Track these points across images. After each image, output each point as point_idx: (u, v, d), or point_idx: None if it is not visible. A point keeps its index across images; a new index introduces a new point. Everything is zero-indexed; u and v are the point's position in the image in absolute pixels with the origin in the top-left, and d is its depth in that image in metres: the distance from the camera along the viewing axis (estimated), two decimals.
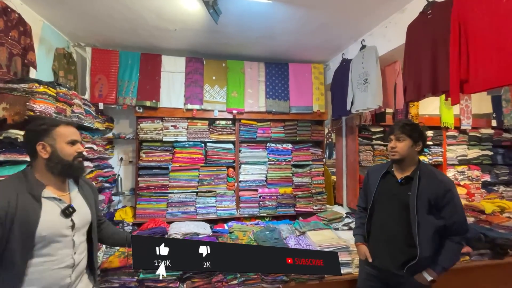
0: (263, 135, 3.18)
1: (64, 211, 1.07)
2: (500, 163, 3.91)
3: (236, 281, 1.44)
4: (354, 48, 2.85)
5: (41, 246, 1.00)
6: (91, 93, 2.73)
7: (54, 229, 1.02)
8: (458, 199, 1.38)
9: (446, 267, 1.35)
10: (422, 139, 1.48)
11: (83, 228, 1.16)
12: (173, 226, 1.88)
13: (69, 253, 1.08)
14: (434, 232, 1.35)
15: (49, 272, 1.01)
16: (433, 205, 1.35)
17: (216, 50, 3.03)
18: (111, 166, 3.08)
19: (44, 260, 1.01)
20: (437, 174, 1.42)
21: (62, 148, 1.09)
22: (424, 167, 1.47)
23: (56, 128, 1.10)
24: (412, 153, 1.46)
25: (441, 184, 1.37)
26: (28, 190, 1.01)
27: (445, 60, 1.66)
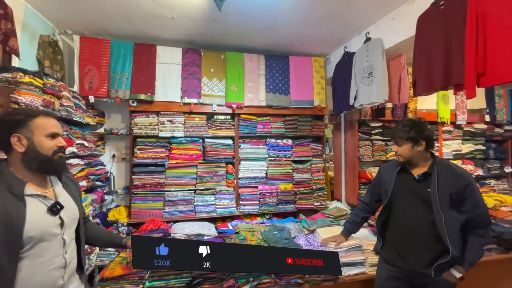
0: (263, 130, 3.09)
1: (51, 208, 0.98)
2: (492, 157, 4.01)
3: (248, 285, 1.35)
4: (357, 41, 2.78)
5: (29, 248, 0.92)
6: (81, 85, 2.54)
7: (42, 228, 0.94)
8: (479, 191, 1.34)
9: (473, 262, 1.32)
10: (423, 137, 1.40)
11: (72, 226, 1.07)
12: (176, 227, 1.77)
13: (59, 253, 1.00)
14: (459, 226, 1.31)
15: (40, 275, 0.94)
16: (454, 199, 1.31)
17: (215, 41, 2.89)
18: (103, 164, 2.91)
19: (33, 262, 0.92)
20: (455, 168, 1.37)
21: (40, 142, 0.98)
22: (441, 162, 1.42)
23: (34, 119, 0.99)
24: (416, 153, 1.40)
25: (461, 178, 1.33)
26: (7, 189, 0.92)
27: (460, 53, 1.62)
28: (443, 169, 1.37)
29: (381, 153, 3.44)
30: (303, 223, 1.94)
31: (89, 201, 2.39)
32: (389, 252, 1.46)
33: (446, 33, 1.73)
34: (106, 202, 2.92)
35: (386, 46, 2.35)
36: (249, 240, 1.61)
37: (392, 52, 2.41)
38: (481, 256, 1.36)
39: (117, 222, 2.64)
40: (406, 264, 1.38)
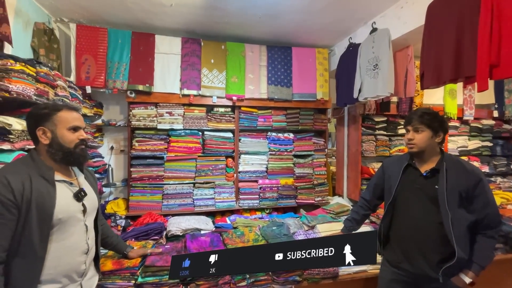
0: (264, 124, 3.02)
1: (76, 194, 1.05)
2: (499, 154, 3.91)
3: (245, 282, 1.31)
4: (362, 31, 2.68)
5: (57, 230, 0.99)
6: (77, 75, 2.48)
7: (69, 212, 1.02)
8: (490, 189, 1.28)
9: (484, 266, 1.24)
10: (443, 129, 1.36)
11: (93, 214, 1.14)
12: (172, 222, 1.73)
13: (83, 238, 1.06)
14: (467, 227, 1.24)
15: (67, 258, 1.00)
16: (464, 197, 1.24)
17: (215, 31, 2.80)
18: (101, 156, 2.86)
19: (61, 245, 0.99)
20: (466, 165, 1.30)
21: (62, 135, 1.04)
22: (450, 158, 1.35)
23: (58, 113, 1.06)
24: (432, 145, 1.34)
25: (471, 175, 1.26)
26: (39, 173, 0.99)
27: (472, 43, 1.53)
28: (452, 166, 1.30)
29: (385, 148, 3.36)
30: (303, 219, 1.89)
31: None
32: (393, 253, 1.40)
33: (458, 22, 1.63)
34: (104, 194, 2.89)
35: (393, 37, 2.25)
36: (247, 235, 1.56)
37: (399, 43, 2.31)
38: (491, 259, 1.29)
39: (115, 215, 2.60)
40: (412, 266, 1.31)
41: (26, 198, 0.92)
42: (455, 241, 1.20)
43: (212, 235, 1.57)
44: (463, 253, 1.21)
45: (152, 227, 1.63)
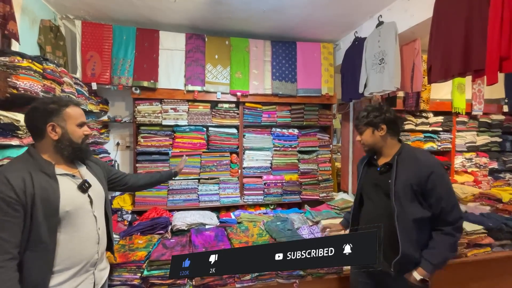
0: (269, 120, 3.01)
1: (81, 186, 1.06)
2: (509, 150, 3.83)
3: (249, 276, 1.32)
4: (368, 25, 2.63)
5: (66, 222, 1.00)
6: (83, 72, 2.50)
7: (76, 204, 1.03)
8: (446, 182, 1.21)
9: (436, 264, 1.18)
10: (382, 120, 1.31)
11: (100, 204, 1.15)
12: (177, 216, 1.75)
13: (93, 229, 1.08)
14: (419, 222, 1.19)
15: (79, 248, 1.02)
16: (418, 191, 1.19)
17: (219, 26, 2.79)
18: (107, 152, 2.90)
19: (72, 236, 1.01)
20: (419, 156, 1.25)
21: (73, 131, 1.07)
22: (406, 150, 1.30)
23: (66, 109, 1.07)
24: (379, 140, 1.32)
25: (422, 167, 1.20)
26: (39, 169, 0.99)
27: (481, 35, 1.49)
28: (405, 158, 1.26)
29: None
30: (307, 214, 1.89)
31: None
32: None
33: (468, 13, 1.59)
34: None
35: (400, 30, 2.20)
36: (251, 230, 1.57)
37: (406, 36, 2.27)
38: (448, 257, 1.21)
39: (122, 210, 2.65)
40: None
41: (30, 194, 0.93)
42: (400, 236, 1.18)
43: (216, 230, 1.58)
44: (411, 249, 1.18)
45: (158, 221, 1.65)
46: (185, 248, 1.36)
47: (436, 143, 3.50)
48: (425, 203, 1.20)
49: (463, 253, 1.62)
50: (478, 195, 2.41)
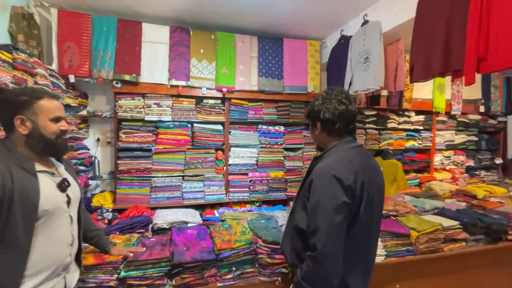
0: (255, 116, 2.99)
1: (60, 184, 1.00)
2: (484, 148, 4.01)
3: (231, 275, 1.30)
4: (354, 24, 2.65)
5: (43, 222, 0.94)
6: (59, 63, 2.37)
7: (55, 203, 0.97)
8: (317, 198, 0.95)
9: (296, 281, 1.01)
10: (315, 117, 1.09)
11: (76, 205, 1.09)
12: (158, 215, 1.70)
13: (68, 230, 1.02)
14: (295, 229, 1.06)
15: (53, 250, 0.96)
16: (307, 197, 1.03)
17: (205, 20, 2.72)
18: (86, 148, 2.79)
19: (47, 238, 0.94)
20: (324, 160, 1.05)
21: (45, 126, 0.98)
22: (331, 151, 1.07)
23: (39, 101, 0.97)
24: (318, 138, 1.13)
25: (313, 172, 1.03)
26: (18, 164, 0.92)
27: (461, 36, 1.53)
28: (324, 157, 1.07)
29: (374, 142, 3.40)
30: None
31: None
32: None
33: (449, 14, 1.62)
34: (90, 187, 2.83)
35: (385, 29, 2.23)
36: (234, 228, 1.55)
37: (390, 36, 2.30)
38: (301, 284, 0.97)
39: (102, 208, 2.55)
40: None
41: (8, 190, 0.85)
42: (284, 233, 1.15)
43: (199, 228, 1.55)
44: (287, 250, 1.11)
45: (138, 220, 1.60)
46: (166, 247, 1.32)
47: (417, 141, 3.61)
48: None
49: (440, 248, 1.68)
50: (455, 192, 2.51)
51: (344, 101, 1.06)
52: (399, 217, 1.83)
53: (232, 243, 1.36)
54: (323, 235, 0.91)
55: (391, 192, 2.77)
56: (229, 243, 1.36)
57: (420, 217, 1.80)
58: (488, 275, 1.86)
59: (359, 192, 0.97)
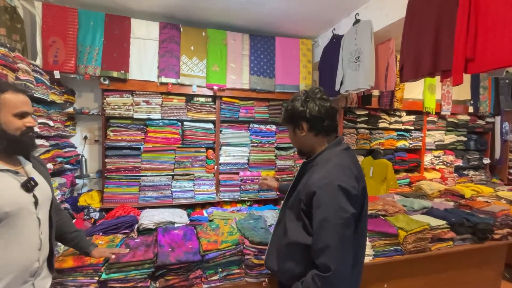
0: (246, 115, 2.96)
1: (25, 184, 0.93)
2: (472, 148, 4.08)
3: (217, 276, 1.28)
4: (346, 23, 2.64)
5: (5, 224, 0.87)
6: (44, 59, 2.30)
7: (18, 204, 0.90)
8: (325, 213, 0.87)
9: None
10: (301, 117, 1.01)
11: (46, 206, 1.01)
12: (144, 215, 1.66)
13: (36, 233, 0.95)
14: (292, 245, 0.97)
15: (18, 255, 0.89)
16: (304, 210, 0.95)
17: (196, 16, 2.68)
18: (73, 146, 2.72)
19: (10, 242, 0.87)
20: (322, 166, 0.96)
21: (7, 121, 0.91)
22: (323, 155, 1.01)
23: (2, 95, 0.91)
24: (302, 140, 1.05)
25: (312, 182, 0.92)
26: None
27: (450, 37, 1.53)
28: (314, 165, 1.00)
29: (365, 141, 3.41)
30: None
31: (56, 185, 2.23)
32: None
33: (438, 15, 1.63)
34: (77, 186, 2.76)
35: (376, 29, 2.23)
36: (222, 229, 1.53)
37: (381, 35, 2.30)
38: None
39: (89, 208, 2.50)
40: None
41: None
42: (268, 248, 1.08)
43: (186, 229, 1.52)
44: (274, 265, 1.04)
45: (123, 220, 1.56)
46: (150, 248, 1.29)
47: (408, 141, 3.64)
48: (311, 229, 0.93)
49: (428, 248, 1.68)
50: (444, 191, 2.53)
51: (325, 97, 1.03)
52: (388, 216, 1.84)
53: (219, 243, 1.33)
54: (335, 253, 0.85)
55: (381, 191, 2.79)
56: (216, 243, 1.33)
57: (409, 217, 1.80)
58: (474, 274, 1.89)
59: (361, 199, 0.94)
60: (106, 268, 1.16)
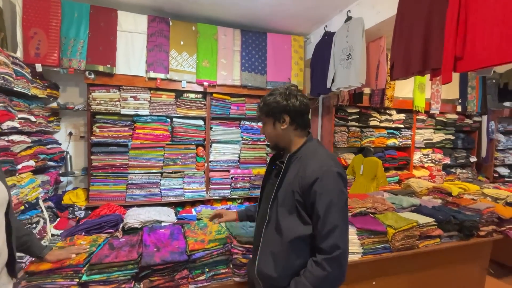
0: (237, 112, 2.92)
1: None
2: (460, 147, 4.15)
3: (203, 276, 1.25)
4: (338, 20, 2.63)
5: None
6: (25, 51, 2.20)
7: None
8: (330, 196, 0.91)
9: None
10: (283, 109, 1.02)
11: (1, 209, 0.92)
12: (130, 213, 1.61)
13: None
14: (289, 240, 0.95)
15: None
16: (300, 202, 0.95)
17: (186, 10, 2.61)
18: (57, 142, 2.62)
19: None
20: (313, 157, 0.98)
21: None
22: (306, 147, 1.04)
23: None
24: (283, 134, 1.05)
25: (309, 171, 0.94)
26: None
27: (440, 35, 1.53)
28: (300, 158, 1.01)
29: (356, 139, 3.43)
30: None
31: (38, 183, 2.14)
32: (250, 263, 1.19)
33: (428, 13, 1.62)
34: (62, 184, 2.67)
35: (367, 26, 2.22)
36: (210, 228, 1.49)
37: (372, 33, 2.29)
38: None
39: (74, 206, 2.42)
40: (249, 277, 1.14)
41: None
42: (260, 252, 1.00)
43: (172, 228, 1.48)
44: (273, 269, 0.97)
45: (107, 219, 1.50)
46: (134, 248, 1.24)
47: (398, 139, 3.68)
48: (307, 218, 0.95)
49: (415, 245, 1.70)
50: (432, 189, 2.57)
51: (301, 93, 1.07)
52: (377, 214, 1.84)
53: (206, 243, 1.30)
54: (342, 233, 0.91)
55: (371, 189, 2.80)
56: (203, 243, 1.30)
57: (397, 215, 1.81)
58: (460, 270, 1.92)
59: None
60: (87, 270, 1.11)
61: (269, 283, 0.99)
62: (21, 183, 1.88)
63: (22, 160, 1.97)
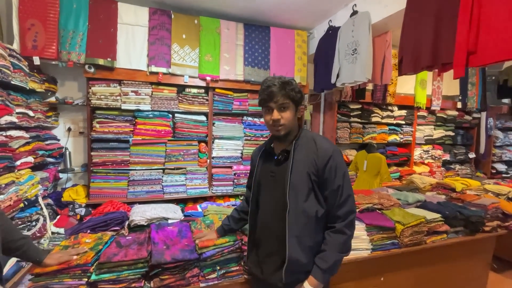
0: (240, 108, 2.88)
1: None
2: (459, 143, 4.18)
3: (215, 274, 1.22)
4: (342, 14, 2.60)
5: None
6: (22, 43, 2.12)
7: None
8: (344, 170, 1.03)
9: (325, 269, 0.98)
10: (302, 99, 1.09)
11: None
12: (136, 210, 1.57)
13: None
14: (310, 220, 1.00)
15: None
16: (315, 181, 1.01)
17: (188, 3, 2.55)
18: (56, 138, 2.55)
19: None
20: (317, 140, 1.06)
21: None
22: (305, 135, 1.09)
23: None
24: (294, 122, 1.09)
25: (321, 151, 1.01)
26: None
27: (451, 29, 1.51)
28: (303, 143, 1.06)
29: (358, 135, 3.42)
30: None
31: (38, 180, 2.09)
32: (251, 257, 1.17)
33: (439, 7, 1.60)
34: (61, 181, 2.61)
35: (374, 21, 2.19)
36: (216, 224, 1.46)
37: (379, 27, 2.27)
38: (338, 259, 1.01)
39: (74, 203, 2.37)
40: (262, 271, 1.10)
41: None
42: (289, 238, 0.98)
43: (180, 225, 1.45)
44: (301, 254, 0.99)
45: (112, 216, 1.46)
46: (143, 246, 1.21)
47: (399, 136, 3.68)
48: (321, 196, 1.02)
49: (423, 240, 1.69)
50: (435, 185, 2.57)
51: None
52: (384, 210, 1.83)
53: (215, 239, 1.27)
54: (353, 198, 1.06)
55: (374, 185, 2.80)
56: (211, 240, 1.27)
57: (404, 210, 1.80)
58: (464, 265, 1.93)
59: None
60: (96, 269, 1.07)
61: (298, 269, 1.02)
62: (20, 180, 1.83)
63: (20, 156, 1.90)
